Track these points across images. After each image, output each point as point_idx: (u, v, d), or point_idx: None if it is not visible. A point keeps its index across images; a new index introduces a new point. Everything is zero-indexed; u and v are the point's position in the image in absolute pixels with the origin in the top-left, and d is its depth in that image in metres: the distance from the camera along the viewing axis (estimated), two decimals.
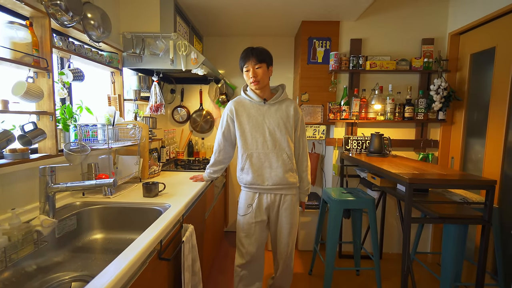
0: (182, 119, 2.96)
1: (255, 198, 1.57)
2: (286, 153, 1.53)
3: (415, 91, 2.42)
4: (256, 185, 1.55)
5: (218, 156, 1.69)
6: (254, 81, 1.51)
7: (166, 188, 1.59)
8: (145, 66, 1.97)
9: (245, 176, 1.57)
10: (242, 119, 1.56)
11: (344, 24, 2.44)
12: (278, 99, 1.57)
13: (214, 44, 2.95)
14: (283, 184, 1.53)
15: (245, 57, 1.51)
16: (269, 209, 1.58)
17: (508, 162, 1.87)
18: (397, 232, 2.55)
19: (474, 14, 2.10)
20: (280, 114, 1.55)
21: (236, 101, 1.61)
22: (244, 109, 1.56)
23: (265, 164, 1.53)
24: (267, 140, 1.53)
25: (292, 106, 1.58)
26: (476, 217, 1.42)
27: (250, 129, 1.54)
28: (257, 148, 1.53)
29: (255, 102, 1.57)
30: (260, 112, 1.55)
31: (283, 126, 1.53)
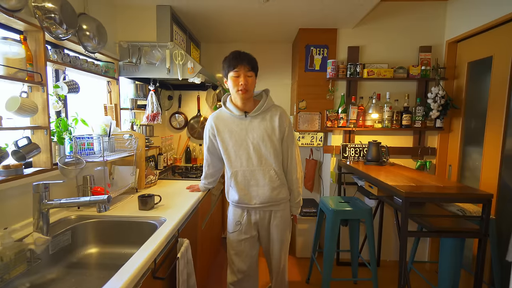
0: (179, 126, 2.95)
1: (244, 215, 1.51)
2: (274, 169, 1.43)
3: (412, 98, 2.42)
4: (243, 204, 1.49)
5: (208, 169, 1.68)
6: (243, 89, 1.35)
7: (162, 200, 1.59)
8: (141, 75, 1.96)
9: (232, 194, 1.51)
10: (224, 135, 1.46)
11: (342, 31, 2.44)
12: (261, 110, 1.43)
13: (212, 50, 2.94)
14: (272, 201, 1.46)
15: (235, 60, 1.35)
16: (258, 225, 1.53)
17: (505, 171, 1.87)
18: (395, 239, 2.55)
19: (471, 22, 2.10)
20: (265, 127, 1.42)
21: (216, 116, 1.50)
22: (225, 124, 1.46)
23: (251, 182, 1.45)
24: (252, 156, 1.43)
25: (277, 115, 1.44)
26: (473, 230, 1.42)
27: (233, 146, 1.45)
28: (241, 166, 1.44)
29: (235, 116, 1.45)
30: (242, 126, 1.44)
31: (268, 139, 1.42)
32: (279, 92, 2.94)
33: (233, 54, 1.38)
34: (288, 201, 1.55)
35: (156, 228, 1.28)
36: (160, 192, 1.80)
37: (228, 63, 1.37)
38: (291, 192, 1.54)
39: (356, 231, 2.13)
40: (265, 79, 2.91)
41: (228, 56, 1.39)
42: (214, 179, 1.74)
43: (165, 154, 2.63)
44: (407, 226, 1.43)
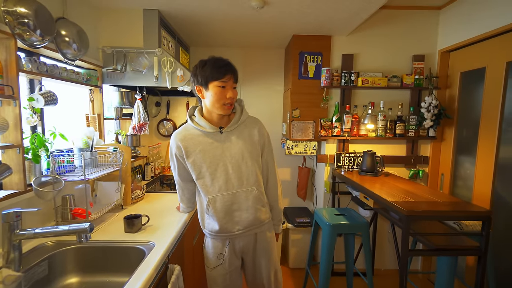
0: (168, 133, 2.82)
1: (226, 246, 1.30)
2: (257, 188, 1.26)
3: (406, 107, 2.41)
4: (224, 233, 1.27)
5: (184, 194, 1.44)
6: (230, 104, 1.19)
7: (150, 219, 1.48)
8: (127, 83, 1.84)
9: (211, 222, 1.28)
10: (195, 157, 1.22)
11: (336, 39, 2.39)
12: (238, 124, 1.26)
13: (202, 55, 2.82)
14: (256, 224, 1.29)
15: (222, 68, 1.15)
16: (242, 252, 1.34)
17: (499, 182, 1.87)
18: (389, 248, 2.53)
19: (463, 33, 2.10)
20: (243, 142, 1.24)
21: (181, 134, 1.24)
22: (195, 144, 1.22)
23: (233, 207, 1.25)
24: (231, 177, 1.22)
25: (256, 128, 1.28)
26: (473, 248, 1.39)
27: (208, 168, 1.22)
28: (220, 190, 1.22)
29: (207, 133, 1.23)
30: (217, 144, 1.23)
31: (249, 156, 1.24)
32: (270, 99, 2.87)
33: (218, 61, 1.18)
34: (271, 219, 1.37)
35: (144, 255, 1.18)
36: (148, 209, 1.69)
37: (211, 69, 1.15)
38: (272, 209, 1.37)
39: (351, 243, 2.08)
40: (256, 85, 2.84)
41: (210, 61, 1.17)
42: (193, 202, 1.47)
43: (152, 164, 2.50)
44: (408, 245, 1.39)
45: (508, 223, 1.77)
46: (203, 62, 1.19)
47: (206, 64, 1.17)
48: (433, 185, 2.44)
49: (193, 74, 1.22)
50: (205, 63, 1.18)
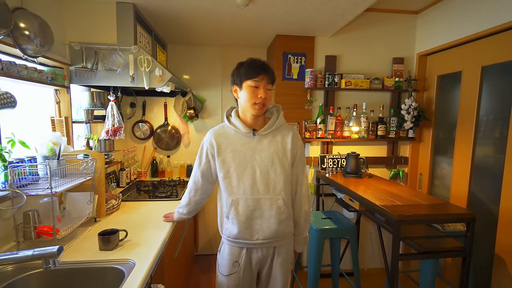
0: (144, 135, 2.65)
1: (243, 254, 1.25)
2: (282, 198, 1.21)
3: (387, 109, 2.45)
4: (242, 240, 1.23)
5: (195, 195, 1.36)
6: (261, 104, 1.17)
7: (129, 233, 1.34)
8: (99, 83, 1.67)
9: (230, 227, 1.24)
10: (226, 155, 1.22)
11: (319, 40, 2.37)
12: (273, 128, 1.24)
13: (180, 53, 2.69)
14: (277, 237, 1.23)
15: (257, 68, 1.16)
16: (259, 264, 1.28)
17: (474, 181, 1.95)
18: (372, 248, 2.57)
19: (440, 38, 2.17)
20: (275, 148, 1.22)
21: (217, 132, 1.28)
22: (228, 142, 1.23)
23: (255, 214, 1.20)
24: (258, 182, 1.20)
25: (289, 136, 1.26)
26: (458, 249, 1.42)
27: (235, 169, 1.21)
28: (244, 193, 1.20)
29: (241, 134, 1.24)
30: (249, 146, 1.22)
31: (279, 163, 1.21)
32: None
33: (254, 61, 1.19)
34: (293, 235, 1.31)
35: (123, 276, 1.06)
36: (125, 221, 1.55)
37: (246, 69, 1.17)
38: (296, 225, 1.30)
39: (337, 246, 2.08)
40: None
41: (246, 62, 1.20)
42: (197, 208, 1.42)
43: (128, 169, 2.33)
44: (399, 250, 1.39)
45: (483, 222, 1.85)
46: (240, 63, 1.22)
47: (243, 65, 1.21)
48: (412, 184, 2.51)
49: (232, 75, 1.25)
50: (242, 64, 1.21)
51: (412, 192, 1.80)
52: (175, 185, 2.35)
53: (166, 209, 1.75)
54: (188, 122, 2.71)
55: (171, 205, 1.83)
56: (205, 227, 2.83)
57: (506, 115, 1.69)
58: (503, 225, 1.68)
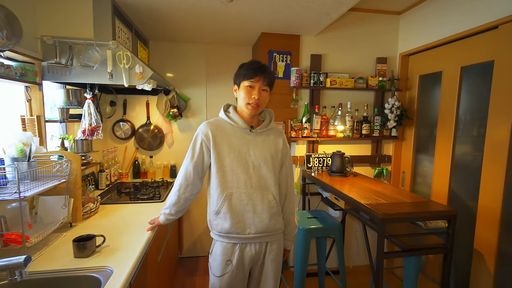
0: (125, 135, 2.55)
1: (235, 251, 1.24)
2: (272, 194, 1.26)
3: (371, 108, 2.48)
4: (235, 234, 1.23)
5: (184, 192, 1.29)
6: (255, 104, 1.21)
7: (108, 238, 1.27)
8: (74, 80, 1.58)
9: (221, 222, 1.23)
10: (222, 148, 1.24)
11: (304, 38, 2.36)
12: (267, 128, 1.31)
13: (163, 50, 2.60)
14: (268, 231, 1.25)
15: (254, 69, 1.20)
16: (252, 262, 1.28)
17: (454, 179, 2.00)
18: (356, 245, 2.60)
19: (421, 39, 2.21)
20: (268, 146, 1.28)
21: (213, 124, 1.28)
22: (224, 135, 1.25)
23: (247, 208, 1.22)
24: (251, 177, 1.23)
25: (281, 138, 1.34)
26: (441, 246, 1.45)
27: (230, 162, 1.23)
28: (238, 187, 1.22)
29: (239, 128, 1.27)
30: (245, 141, 1.26)
31: (271, 160, 1.27)
32: None
33: (253, 63, 1.25)
34: (283, 232, 1.35)
35: (100, 285, 1.00)
36: (104, 225, 1.47)
37: (245, 70, 1.23)
38: (288, 224, 1.36)
39: (323, 245, 2.08)
40: (222, 84, 2.70)
41: (247, 63, 1.26)
42: (186, 206, 1.35)
43: (107, 170, 2.23)
44: (384, 248, 1.39)
45: (462, 218, 1.90)
46: (242, 64, 1.27)
47: (242, 66, 1.26)
48: (395, 182, 2.56)
49: (234, 76, 1.31)
50: (243, 65, 1.26)
51: (396, 190, 1.82)
52: (158, 187, 2.27)
53: (148, 212, 1.69)
54: (172, 121, 2.63)
55: (153, 208, 1.76)
56: (190, 229, 2.77)
57: (484, 114, 1.74)
58: (482, 221, 1.73)
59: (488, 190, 1.69)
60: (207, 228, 2.83)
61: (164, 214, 1.37)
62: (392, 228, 1.64)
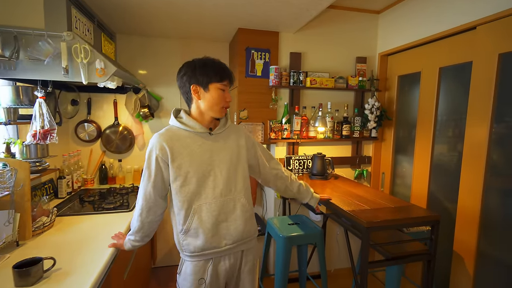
0: (90, 137, 2.33)
1: (208, 268, 1.13)
2: (244, 196, 1.18)
3: (351, 108, 2.44)
4: (210, 250, 1.12)
5: (147, 216, 1.13)
6: (227, 107, 1.17)
7: (60, 260, 1.10)
8: (21, 76, 1.37)
9: (192, 241, 1.11)
10: (182, 160, 1.10)
11: (283, 35, 2.26)
12: (226, 127, 1.22)
13: (133, 45, 2.40)
14: (244, 238, 1.17)
15: (223, 71, 1.13)
16: (227, 276, 1.18)
17: (434, 180, 2.00)
18: (338, 249, 2.55)
19: (400, 39, 2.19)
20: (231, 147, 1.19)
21: (165, 135, 1.12)
22: (182, 145, 1.11)
23: (220, 218, 1.13)
24: (219, 184, 1.13)
25: (241, 133, 1.26)
26: (424, 253, 1.41)
27: (194, 173, 1.11)
28: (206, 198, 1.11)
29: (196, 134, 1.14)
30: (206, 147, 1.14)
31: (236, 161, 1.19)
32: None
33: (219, 63, 1.15)
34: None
35: None
36: (58, 242, 1.29)
37: (214, 71, 1.12)
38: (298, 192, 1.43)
39: (304, 252, 2.00)
40: None
41: (209, 61, 1.14)
42: (152, 230, 1.19)
43: (69, 177, 2.01)
44: (368, 257, 1.33)
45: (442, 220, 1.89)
46: (201, 61, 1.14)
47: (206, 64, 1.13)
48: (375, 184, 2.54)
49: (190, 71, 1.13)
50: (205, 62, 1.13)
51: (378, 194, 1.78)
52: (127, 193, 2.08)
53: (114, 223, 1.52)
54: (143, 122, 2.44)
55: (120, 218, 1.60)
56: (165, 235, 2.59)
57: (463, 115, 1.73)
58: (461, 223, 1.72)
59: (467, 191, 1.69)
60: None
61: (129, 240, 1.21)
62: (374, 235, 1.58)
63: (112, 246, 1.25)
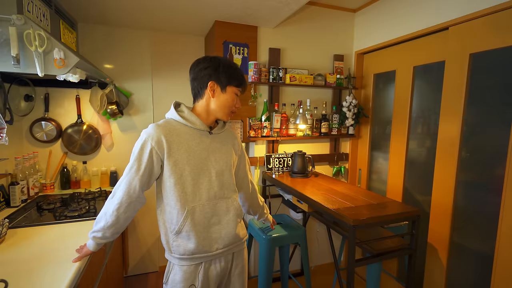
0: (48, 137, 2.08)
1: (199, 272, 1.08)
2: (237, 200, 1.18)
3: (329, 106, 2.45)
4: (201, 254, 1.07)
5: (126, 211, 1.03)
6: (234, 112, 1.15)
7: (13, 282, 0.94)
8: None
9: (183, 243, 1.05)
10: (179, 156, 1.04)
11: (262, 30, 2.20)
12: (224, 129, 1.20)
13: (97, 35, 2.18)
14: (236, 241, 1.16)
15: (242, 78, 1.11)
16: (218, 281, 1.15)
17: (409, 175, 2.07)
18: (318, 245, 2.56)
19: (376, 37, 2.23)
20: (227, 149, 1.17)
21: (165, 127, 1.04)
22: (181, 141, 1.05)
23: (213, 220, 1.09)
24: (214, 185, 1.09)
25: (236, 138, 1.25)
26: (406, 248, 1.44)
27: (191, 172, 1.05)
28: (200, 199, 1.07)
29: (196, 130, 1.09)
30: (203, 146, 1.09)
31: (231, 164, 1.17)
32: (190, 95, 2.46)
33: (240, 70, 1.12)
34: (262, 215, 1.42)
35: None
36: (10, 260, 1.11)
37: (236, 74, 1.09)
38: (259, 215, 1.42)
39: (286, 251, 1.97)
40: (171, 78, 2.39)
41: (232, 64, 1.10)
42: (125, 227, 1.09)
43: (23, 182, 1.77)
44: (355, 255, 1.32)
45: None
46: (226, 61, 1.09)
47: (231, 67, 1.09)
48: (352, 180, 2.58)
49: (213, 67, 1.07)
50: (230, 64, 1.10)
51: (358, 190, 1.79)
52: (94, 199, 1.90)
53: (80, 233, 1.36)
54: (110, 120, 2.24)
55: (87, 227, 1.43)
56: (136, 242, 2.41)
57: (436, 112, 1.80)
58: (435, 215, 1.80)
59: (441, 185, 1.76)
60: (157, 241, 2.50)
61: (95, 238, 1.07)
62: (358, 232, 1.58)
63: (76, 260, 1.10)
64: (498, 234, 1.46)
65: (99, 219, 1.06)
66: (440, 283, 1.76)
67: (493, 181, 1.51)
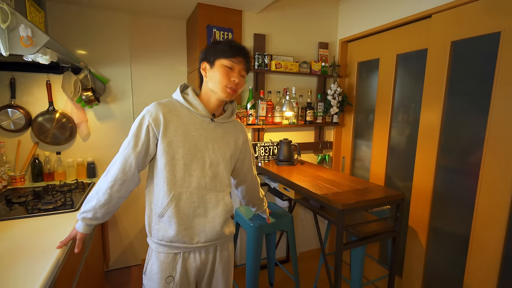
0: (16, 126, 1.92)
1: (177, 263, 1.04)
2: (228, 195, 1.11)
3: (314, 94, 2.45)
4: (179, 243, 1.03)
5: (119, 190, 1.00)
6: (234, 88, 1.02)
7: None
8: None
9: (164, 227, 1.02)
10: (174, 138, 1.00)
11: (247, 15, 2.13)
12: (229, 119, 1.12)
13: (68, 16, 2.02)
14: (220, 238, 1.09)
15: (234, 48, 1.01)
16: (198, 274, 1.10)
17: (391, 161, 2.12)
18: (302, 232, 2.60)
19: (358, 26, 2.24)
20: (228, 141, 1.10)
21: (166, 106, 1.01)
22: (180, 122, 1.01)
23: (198, 211, 1.04)
24: (206, 175, 1.04)
25: (242, 133, 1.17)
26: (391, 231, 1.48)
27: (184, 155, 1.00)
28: (189, 186, 1.02)
29: (198, 116, 1.04)
30: (203, 132, 1.04)
31: (230, 157, 1.10)
32: (172, 82, 2.37)
33: (234, 42, 1.05)
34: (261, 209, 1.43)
35: None
36: None
37: (223, 47, 1.01)
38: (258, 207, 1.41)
39: (273, 238, 1.98)
40: (152, 64, 2.28)
41: (224, 40, 1.05)
42: (116, 208, 1.06)
43: None
44: (343, 239, 1.34)
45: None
46: (217, 41, 1.06)
47: (220, 43, 1.04)
48: (336, 168, 2.62)
49: (205, 49, 1.07)
50: (219, 42, 1.05)
51: (344, 176, 1.82)
52: (70, 190, 1.79)
53: (57, 227, 1.27)
54: (86, 107, 2.10)
55: (65, 220, 1.34)
56: (117, 235, 2.32)
57: (418, 99, 1.84)
58: (415, 199, 1.86)
59: (421, 171, 1.82)
60: (139, 233, 2.43)
61: (85, 219, 1.02)
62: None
63: (61, 245, 1.06)
64: (474, 217, 1.54)
65: (90, 198, 1.02)
66: (419, 264, 1.85)
67: (471, 167, 1.58)
